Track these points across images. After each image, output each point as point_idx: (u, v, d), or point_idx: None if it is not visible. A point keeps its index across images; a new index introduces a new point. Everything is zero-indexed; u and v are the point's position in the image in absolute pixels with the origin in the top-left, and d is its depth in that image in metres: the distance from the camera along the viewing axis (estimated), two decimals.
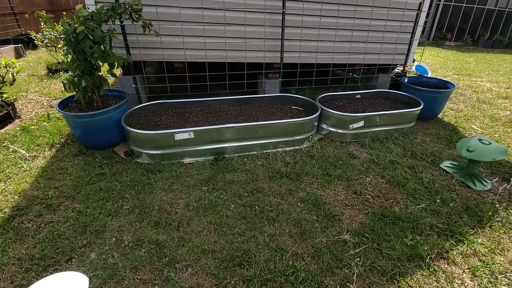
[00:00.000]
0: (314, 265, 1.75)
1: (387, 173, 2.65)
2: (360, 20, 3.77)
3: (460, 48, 11.25)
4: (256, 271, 1.68)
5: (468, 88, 5.41)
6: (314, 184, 2.46)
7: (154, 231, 1.93)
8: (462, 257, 1.85)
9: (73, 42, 2.33)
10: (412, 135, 3.38)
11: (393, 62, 4.28)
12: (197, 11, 3.16)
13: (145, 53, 3.24)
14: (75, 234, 1.89)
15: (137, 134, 2.60)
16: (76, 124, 2.65)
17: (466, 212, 2.22)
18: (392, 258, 1.80)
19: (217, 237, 1.91)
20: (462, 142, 2.66)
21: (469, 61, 8.36)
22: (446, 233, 2.01)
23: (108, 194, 2.23)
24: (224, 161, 2.72)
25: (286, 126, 2.88)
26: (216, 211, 2.12)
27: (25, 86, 4.58)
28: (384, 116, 3.19)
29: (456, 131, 3.57)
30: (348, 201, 2.29)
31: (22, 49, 6.87)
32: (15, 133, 3.08)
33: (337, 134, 3.20)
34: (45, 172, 2.48)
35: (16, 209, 2.08)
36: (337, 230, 2.01)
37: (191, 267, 1.70)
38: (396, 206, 2.25)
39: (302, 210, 2.17)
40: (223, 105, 3.43)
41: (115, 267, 1.66)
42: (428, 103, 3.54)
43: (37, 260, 1.70)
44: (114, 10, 2.46)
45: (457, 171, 2.70)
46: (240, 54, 3.50)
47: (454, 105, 4.48)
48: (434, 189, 2.44)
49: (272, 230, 1.98)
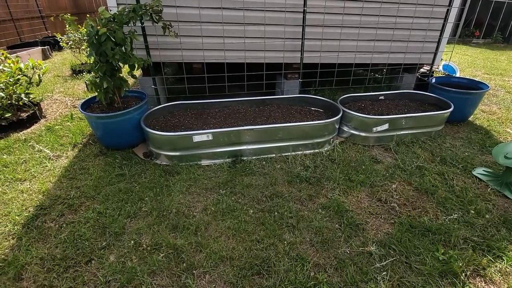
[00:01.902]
0: (337, 277, 1.65)
1: (414, 179, 2.49)
2: (385, 18, 3.60)
3: (489, 46, 10.62)
4: (275, 282, 1.61)
5: (501, 89, 5.06)
6: (336, 190, 2.36)
7: (172, 235, 1.90)
8: (501, 275, 1.69)
9: (95, 44, 2.35)
10: (440, 139, 3.18)
11: (420, 62, 4.06)
12: (217, 11, 3.13)
13: (165, 54, 3.24)
14: (95, 235, 1.90)
15: (155, 136, 2.59)
16: (98, 125, 2.68)
17: (504, 225, 2.04)
18: (422, 273, 1.67)
19: (235, 243, 1.85)
20: (498, 147, 2.46)
21: (500, 60, 7.85)
22: (482, 248, 1.85)
23: (127, 196, 2.24)
24: (242, 164, 2.66)
25: (307, 129, 2.78)
26: (234, 216, 2.07)
27: (51, 86, 4.74)
28: (411, 119, 3.02)
29: (490, 135, 3.32)
30: (373, 209, 2.17)
31: (49, 51, 7.16)
32: (40, 133, 3.18)
33: (359, 137, 3.06)
34: (67, 172, 2.53)
35: (39, 208, 2.12)
36: (361, 240, 1.90)
37: (209, 274, 1.66)
38: (425, 216, 2.10)
39: (324, 218, 2.07)
40: (242, 106, 3.38)
41: (133, 271, 1.65)
42: (458, 105, 3.32)
43: (58, 260, 1.72)
44: (135, 11, 2.47)
45: (492, 179, 2.50)
46: (259, 55, 3.44)
47: (486, 107, 4.19)
48: (467, 199, 2.26)
49: (292, 238, 1.90)
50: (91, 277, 1.63)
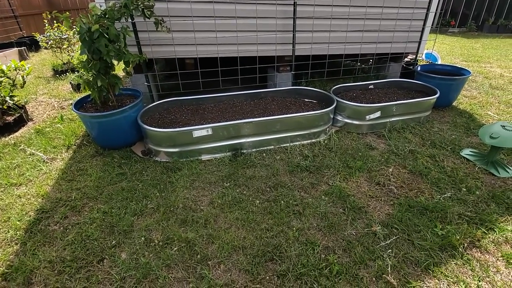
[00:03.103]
0: (346, 258, 1.73)
1: (408, 163, 2.62)
2: (372, 9, 3.69)
3: (464, 34, 11.08)
4: (289, 266, 1.67)
5: (479, 75, 5.33)
6: (336, 177, 2.44)
7: (182, 229, 1.92)
8: (495, 245, 1.83)
9: (87, 41, 2.29)
10: (428, 124, 3.34)
11: (406, 51, 4.21)
12: (208, 5, 3.10)
13: (157, 50, 3.19)
14: (103, 234, 1.88)
15: (154, 133, 2.57)
16: (93, 125, 2.62)
17: (493, 200, 2.19)
18: (424, 248, 1.78)
19: (245, 233, 1.89)
20: (484, 129, 2.62)
21: (475, 47, 8.23)
22: (475, 222, 1.98)
23: (131, 194, 2.22)
24: (242, 157, 2.69)
25: (303, 120, 2.84)
26: (241, 207, 2.10)
27: (33, 88, 4.55)
28: (401, 106, 3.14)
29: (473, 118, 3.52)
30: (372, 193, 2.27)
31: (26, 52, 6.83)
32: (30, 136, 3.06)
33: (353, 126, 3.16)
34: (65, 174, 2.47)
35: (41, 212, 2.07)
36: (365, 222, 1.99)
37: (223, 264, 1.69)
38: (422, 196, 2.22)
39: (327, 203, 2.15)
40: (237, 100, 3.40)
41: (148, 267, 1.65)
42: (443, 91, 3.48)
43: (68, 262, 1.70)
44: (127, 7, 2.41)
45: (479, 159, 2.66)
46: (252, 48, 3.45)
47: (467, 92, 4.41)
48: (458, 178, 2.41)
49: (299, 224, 1.96)
50: (105, 276, 1.63)
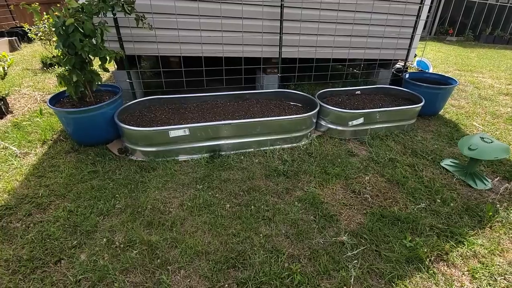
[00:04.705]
0: (310, 267, 1.70)
1: (386, 171, 2.59)
2: (361, 14, 3.67)
3: (461, 43, 11.13)
4: (251, 274, 1.63)
5: (470, 84, 5.33)
6: (312, 183, 2.41)
7: (147, 231, 1.88)
8: (462, 259, 1.81)
9: (62, 35, 2.24)
10: (412, 133, 3.32)
11: (394, 57, 4.19)
12: (193, 4, 3.06)
13: (139, 47, 3.15)
14: (65, 234, 1.84)
15: (130, 131, 2.53)
16: (68, 121, 2.57)
17: (466, 212, 2.17)
18: (390, 260, 1.75)
19: (211, 238, 1.85)
20: (463, 140, 2.60)
21: (470, 57, 8.26)
22: (446, 234, 1.96)
23: (100, 193, 2.17)
24: (220, 159, 2.66)
25: (284, 123, 2.81)
26: (210, 211, 2.06)
27: (19, 80, 4.47)
28: (384, 113, 3.12)
29: (457, 128, 3.50)
30: (347, 201, 2.24)
31: (17, 42, 6.74)
32: (6, 129, 3.00)
33: (336, 131, 3.13)
34: (36, 170, 2.42)
35: (4, 208, 2.02)
36: (334, 230, 1.96)
37: (183, 269, 1.65)
38: (396, 206, 2.20)
39: (299, 210, 2.12)
40: (220, 101, 3.36)
41: (105, 269, 1.61)
42: (430, 100, 3.47)
43: (24, 261, 1.65)
44: (105, 2, 2.37)
45: (458, 170, 2.64)
46: (237, 49, 3.41)
47: (456, 101, 4.40)
48: (434, 188, 2.38)
49: (268, 230, 1.93)
50: (60, 277, 1.58)
